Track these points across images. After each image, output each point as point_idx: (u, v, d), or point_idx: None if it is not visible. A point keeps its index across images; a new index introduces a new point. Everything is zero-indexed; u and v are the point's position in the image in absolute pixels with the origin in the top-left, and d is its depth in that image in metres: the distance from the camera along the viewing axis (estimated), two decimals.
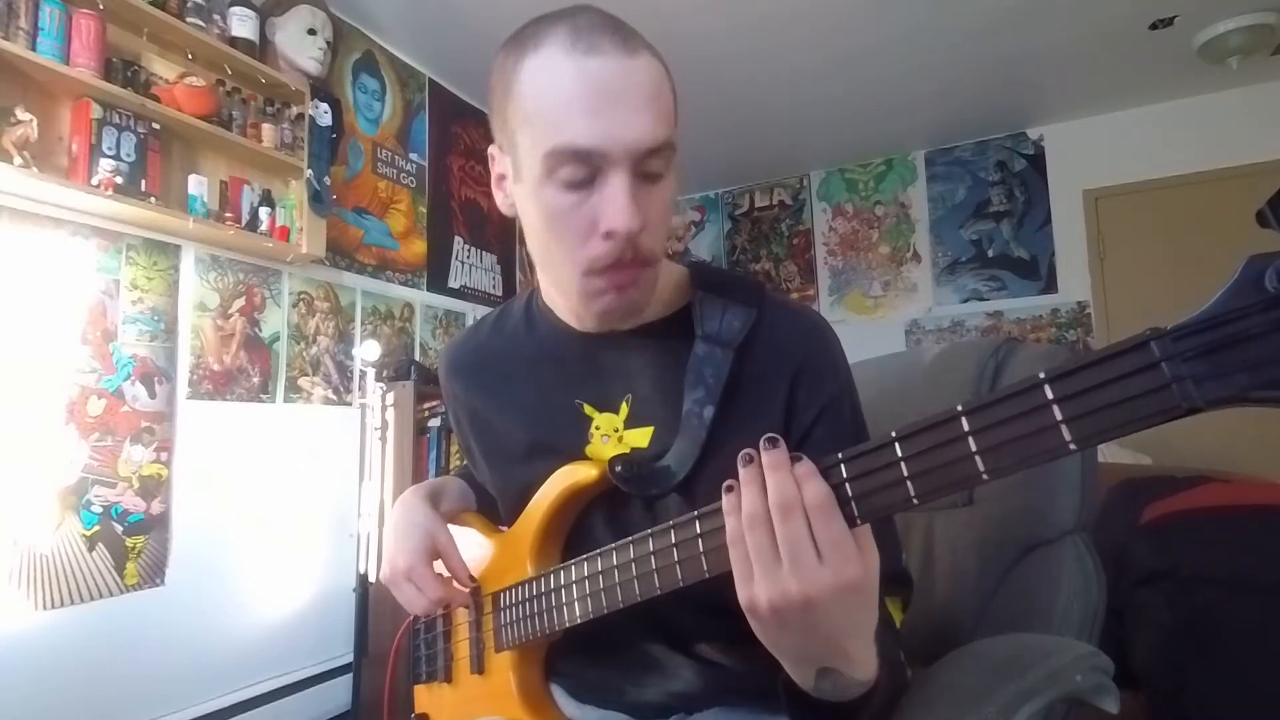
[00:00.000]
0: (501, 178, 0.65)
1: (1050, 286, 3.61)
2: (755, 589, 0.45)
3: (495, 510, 0.82)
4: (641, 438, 0.67)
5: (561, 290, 0.67)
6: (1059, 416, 0.37)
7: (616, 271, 0.58)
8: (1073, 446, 0.37)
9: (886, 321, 3.95)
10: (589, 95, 0.53)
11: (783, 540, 0.44)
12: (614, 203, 0.55)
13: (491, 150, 0.65)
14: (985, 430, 0.40)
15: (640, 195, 0.56)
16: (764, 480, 0.45)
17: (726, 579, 0.48)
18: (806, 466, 0.45)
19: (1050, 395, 0.38)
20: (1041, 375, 0.38)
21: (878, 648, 0.50)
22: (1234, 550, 1.32)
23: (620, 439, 0.68)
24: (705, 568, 0.51)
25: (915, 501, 0.42)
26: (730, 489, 0.47)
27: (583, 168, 0.54)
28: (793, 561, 0.44)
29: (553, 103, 0.54)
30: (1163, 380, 0.34)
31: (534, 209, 0.59)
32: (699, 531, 0.52)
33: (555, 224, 0.58)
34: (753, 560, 0.45)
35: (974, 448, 0.40)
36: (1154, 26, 2.75)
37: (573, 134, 0.53)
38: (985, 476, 0.40)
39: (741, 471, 0.46)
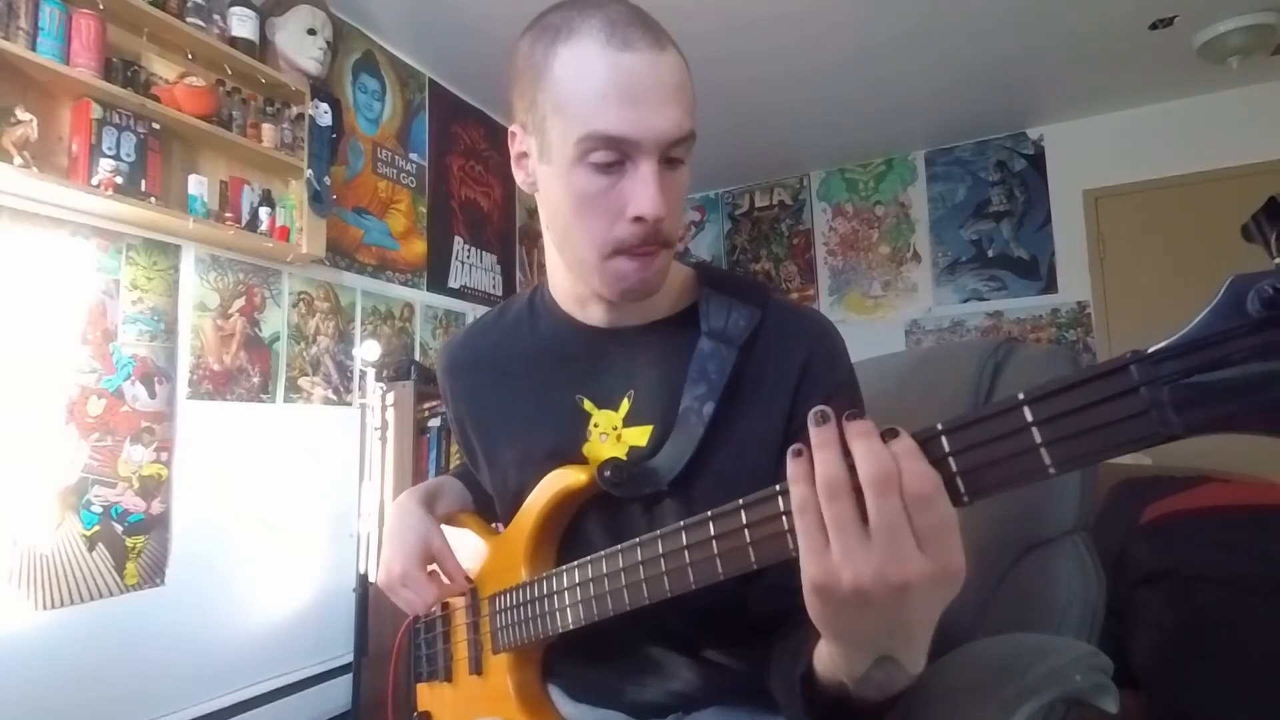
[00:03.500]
0: (523, 155, 0.65)
1: (1050, 286, 3.61)
2: (836, 566, 0.39)
3: (493, 509, 0.82)
4: (640, 436, 0.67)
5: (580, 271, 0.65)
6: (1038, 440, 0.36)
7: (640, 253, 0.60)
8: (1052, 471, 0.36)
9: (886, 321, 3.95)
10: (623, 87, 0.56)
11: (879, 519, 0.38)
12: (644, 189, 0.57)
13: (513, 129, 0.66)
14: (964, 452, 0.39)
15: (664, 181, 0.58)
16: (844, 445, 0.40)
17: (717, 586, 0.47)
18: (906, 443, 0.40)
19: (1030, 418, 0.37)
20: (1021, 396, 0.37)
21: None
22: (1234, 550, 1.32)
23: (619, 437, 0.68)
24: (691, 579, 0.51)
25: None
26: (799, 453, 0.42)
27: (614, 153, 0.57)
28: (890, 542, 0.38)
29: (588, 92, 0.56)
30: (1142, 406, 0.34)
31: (562, 190, 0.61)
32: (684, 543, 0.51)
33: (584, 205, 0.60)
34: (833, 534, 0.39)
35: (954, 469, 0.39)
36: (1154, 26, 2.74)
37: (607, 122, 0.56)
38: (965, 499, 0.39)
39: (814, 432, 0.41)
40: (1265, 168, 3.16)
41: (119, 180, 1.70)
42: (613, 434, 0.68)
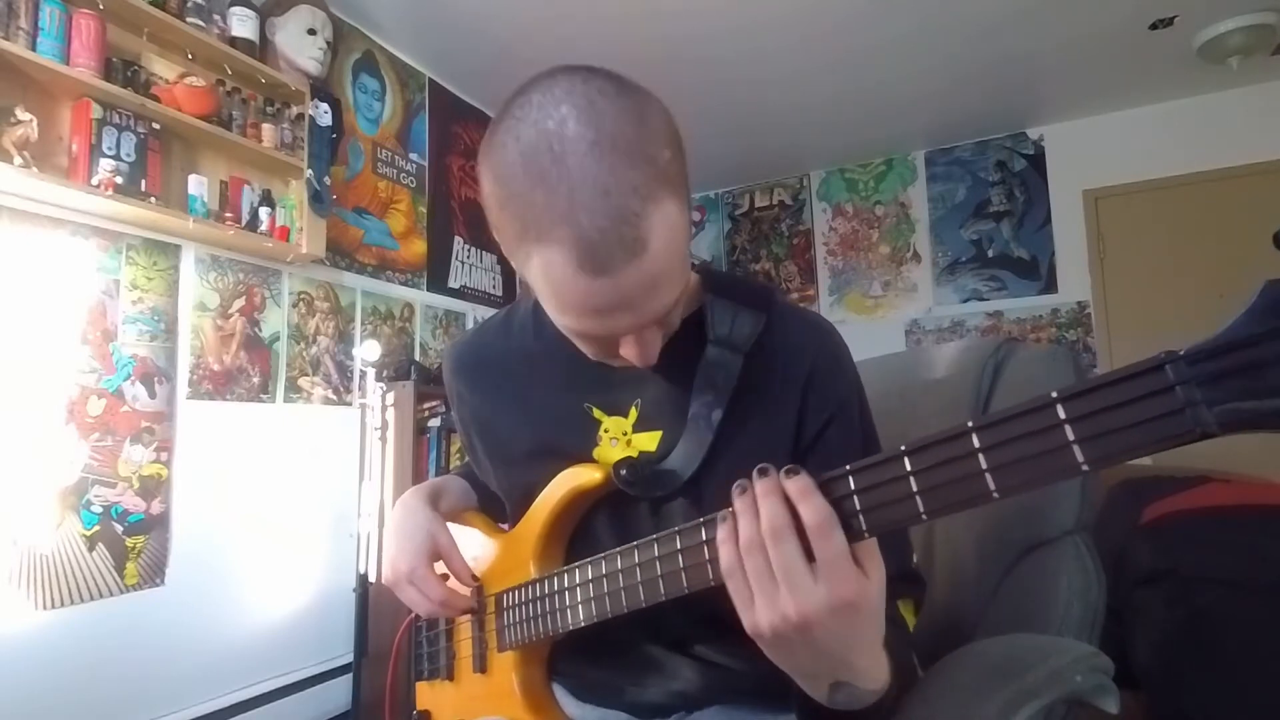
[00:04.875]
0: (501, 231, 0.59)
1: (1050, 286, 3.61)
2: (756, 614, 0.45)
3: (497, 508, 0.82)
4: (650, 441, 0.68)
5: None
6: (1071, 437, 0.37)
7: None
8: (1085, 468, 0.37)
9: (886, 321, 3.95)
10: (601, 307, 0.53)
11: (776, 563, 0.44)
12: (635, 350, 0.58)
13: (493, 223, 0.57)
14: (996, 448, 0.39)
15: (655, 327, 0.58)
16: (757, 509, 0.45)
17: (722, 586, 0.48)
18: (802, 483, 0.44)
19: (1063, 415, 0.37)
20: (1054, 394, 0.38)
21: (888, 653, 0.50)
22: (1234, 550, 1.33)
23: (629, 442, 0.69)
24: (710, 576, 0.51)
25: (924, 517, 0.42)
26: (725, 519, 0.47)
27: (599, 338, 0.58)
28: (788, 584, 0.44)
29: (566, 305, 0.54)
30: (1177, 404, 0.34)
31: (556, 324, 0.60)
32: (704, 538, 0.51)
33: (577, 341, 0.61)
34: (751, 585, 0.45)
35: (984, 465, 0.40)
36: (1154, 26, 2.74)
37: (586, 326, 0.56)
38: (996, 495, 0.39)
39: (736, 501, 0.47)
40: (1265, 168, 3.16)
41: (119, 180, 1.70)
42: (623, 439, 0.69)
